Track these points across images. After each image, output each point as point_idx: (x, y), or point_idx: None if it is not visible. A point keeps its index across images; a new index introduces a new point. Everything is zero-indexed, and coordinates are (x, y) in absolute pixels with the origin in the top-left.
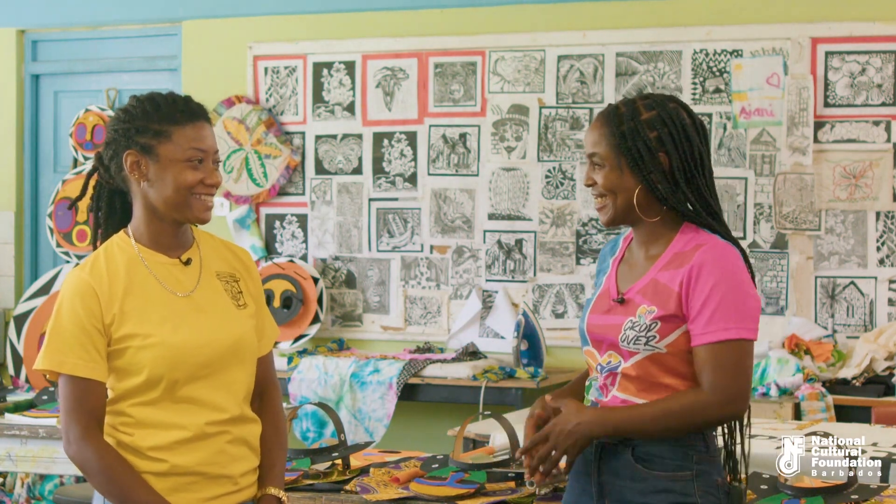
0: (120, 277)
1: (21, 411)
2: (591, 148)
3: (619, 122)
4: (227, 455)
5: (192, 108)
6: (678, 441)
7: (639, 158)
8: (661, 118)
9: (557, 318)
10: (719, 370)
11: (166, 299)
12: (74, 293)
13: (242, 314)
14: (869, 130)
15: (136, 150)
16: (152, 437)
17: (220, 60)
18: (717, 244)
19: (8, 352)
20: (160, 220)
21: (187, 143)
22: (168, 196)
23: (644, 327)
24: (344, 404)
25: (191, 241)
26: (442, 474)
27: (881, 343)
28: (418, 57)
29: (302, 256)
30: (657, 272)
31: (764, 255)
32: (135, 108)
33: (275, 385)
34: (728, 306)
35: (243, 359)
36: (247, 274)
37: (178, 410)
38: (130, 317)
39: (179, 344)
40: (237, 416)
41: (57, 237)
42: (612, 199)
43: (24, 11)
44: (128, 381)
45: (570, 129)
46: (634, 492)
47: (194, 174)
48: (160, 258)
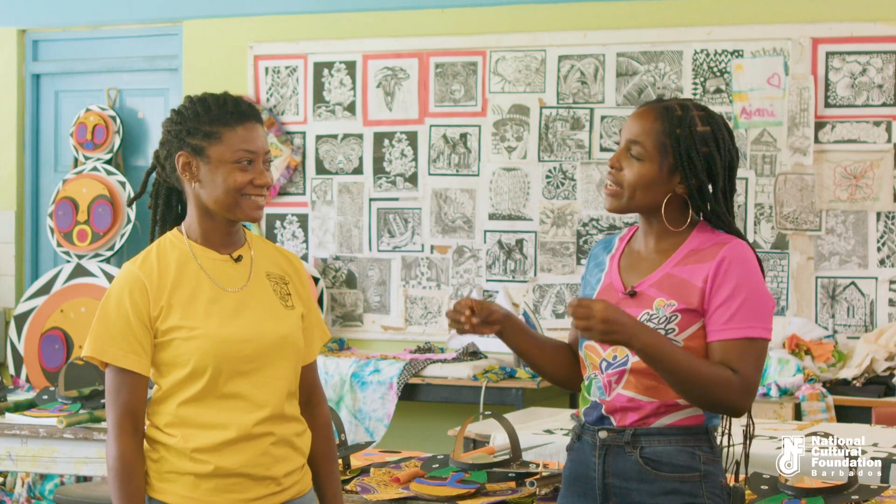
0: (170, 271)
1: (21, 411)
2: (636, 136)
3: (676, 124)
4: (270, 456)
5: (242, 110)
6: (685, 442)
7: (688, 166)
8: (714, 137)
9: (558, 318)
10: (743, 363)
11: (215, 294)
12: (124, 285)
13: (290, 314)
14: (869, 131)
15: (187, 152)
16: (196, 439)
17: (221, 60)
18: (740, 243)
19: (8, 351)
20: (212, 219)
21: (237, 145)
22: (218, 196)
23: (664, 319)
24: (344, 404)
25: (242, 240)
26: (442, 474)
27: (881, 343)
28: (419, 57)
29: (302, 256)
30: (672, 267)
31: (764, 255)
32: (187, 109)
33: (321, 393)
34: (752, 305)
35: (287, 357)
36: (297, 277)
37: (222, 408)
38: (177, 309)
39: (225, 337)
40: (280, 413)
41: (57, 237)
42: (633, 191)
43: (24, 11)
44: (173, 374)
45: (570, 129)
46: (642, 493)
47: (244, 175)
48: (212, 254)
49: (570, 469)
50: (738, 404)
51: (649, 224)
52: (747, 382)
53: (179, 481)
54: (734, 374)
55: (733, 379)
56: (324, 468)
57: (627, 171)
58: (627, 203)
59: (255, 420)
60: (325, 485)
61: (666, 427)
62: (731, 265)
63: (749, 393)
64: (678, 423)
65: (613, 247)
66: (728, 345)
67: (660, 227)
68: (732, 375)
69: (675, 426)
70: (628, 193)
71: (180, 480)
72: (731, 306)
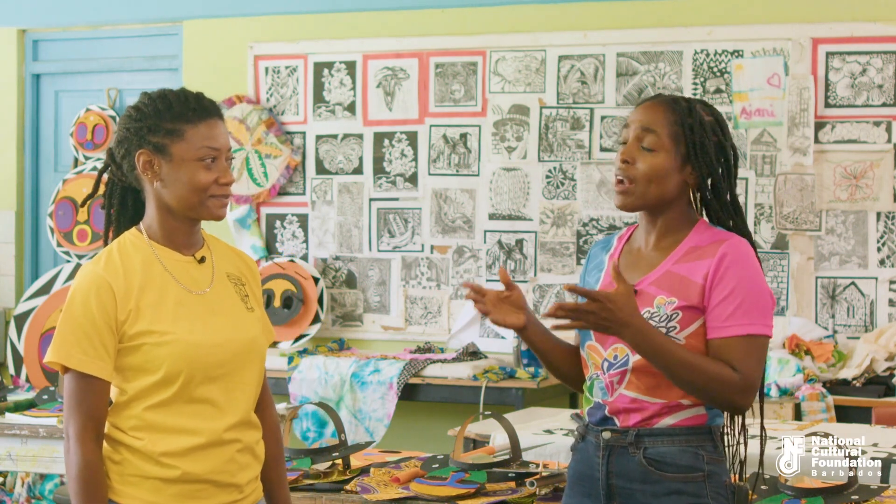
0: (136, 273)
1: (21, 411)
2: (649, 125)
3: (687, 114)
4: (236, 463)
5: (204, 106)
6: (688, 442)
7: (702, 154)
8: (720, 126)
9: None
10: (744, 360)
11: (182, 297)
12: (89, 287)
13: (252, 316)
14: (869, 131)
15: (148, 150)
16: (165, 443)
17: (221, 60)
18: (740, 240)
19: (8, 351)
20: (174, 219)
21: (200, 142)
22: (182, 195)
23: (665, 317)
24: (344, 404)
25: (202, 241)
26: (442, 474)
27: (881, 344)
28: (419, 57)
29: (302, 256)
30: (672, 264)
31: (765, 255)
32: (146, 106)
33: (270, 395)
34: (752, 302)
35: (254, 361)
36: (252, 280)
37: (191, 413)
38: (146, 313)
39: (196, 342)
40: (247, 420)
41: (57, 237)
42: (647, 184)
43: (24, 11)
44: (141, 379)
45: (570, 129)
46: (646, 494)
47: (208, 174)
48: (176, 256)
49: (575, 469)
50: (739, 402)
51: (653, 221)
52: (748, 380)
53: (143, 485)
54: (734, 372)
55: (733, 377)
56: (276, 472)
57: (640, 163)
58: (641, 198)
59: (224, 426)
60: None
61: (669, 427)
62: (732, 263)
63: (749, 391)
64: (681, 423)
65: (612, 246)
66: (729, 342)
67: (664, 224)
68: (732, 373)
69: (679, 426)
70: (642, 187)
71: (143, 484)
72: (731, 303)
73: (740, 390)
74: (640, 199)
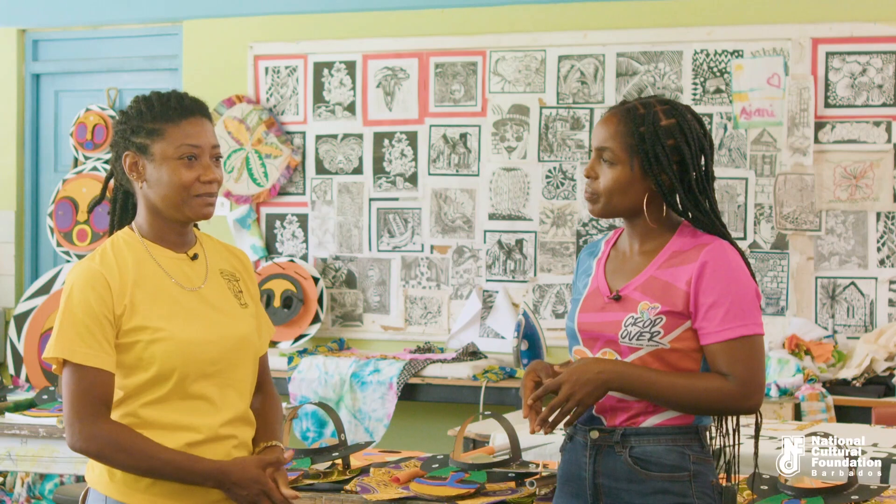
0: (129, 269)
1: (21, 411)
2: (603, 142)
3: (639, 123)
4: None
5: (185, 105)
6: (675, 442)
7: (655, 163)
8: (679, 128)
9: (558, 318)
10: (740, 364)
11: (175, 293)
12: (86, 282)
13: (245, 313)
14: (869, 131)
15: (133, 151)
16: (162, 439)
17: (221, 60)
18: (721, 243)
19: (8, 351)
20: (163, 219)
21: (179, 140)
22: (166, 194)
23: (648, 323)
24: (344, 404)
25: (194, 239)
26: (442, 474)
27: (881, 344)
28: (419, 57)
29: (302, 256)
30: (655, 270)
31: (764, 255)
32: (132, 108)
33: (272, 383)
34: (739, 304)
35: (248, 357)
36: (246, 275)
37: (186, 410)
38: (140, 309)
39: (190, 339)
40: (243, 416)
41: (57, 236)
42: (609, 196)
43: (24, 11)
44: (136, 376)
45: (570, 129)
46: (632, 493)
47: (189, 172)
48: (168, 253)
49: (563, 469)
50: (743, 407)
51: (633, 226)
52: (746, 384)
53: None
54: (727, 381)
55: (726, 386)
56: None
57: (602, 178)
58: (606, 208)
59: (221, 422)
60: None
61: (655, 426)
62: (715, 269)
63: (751, 393)
64: (667, 423)
65: (600, 250)
66: (723, 347)
67: (643, 229)
68: (725, 383)
69: (665, 426)
70: (605, 199)
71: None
72: (720, 308)
73: (740, 397)
74: (610, 210)
